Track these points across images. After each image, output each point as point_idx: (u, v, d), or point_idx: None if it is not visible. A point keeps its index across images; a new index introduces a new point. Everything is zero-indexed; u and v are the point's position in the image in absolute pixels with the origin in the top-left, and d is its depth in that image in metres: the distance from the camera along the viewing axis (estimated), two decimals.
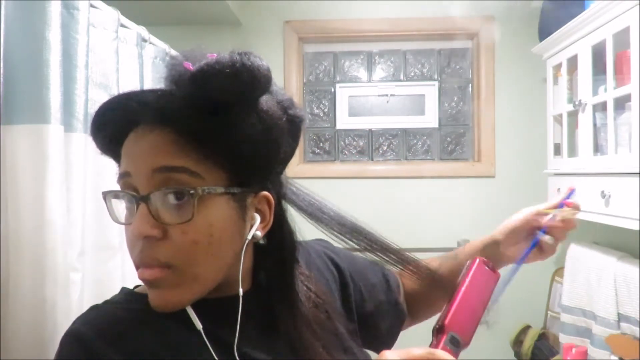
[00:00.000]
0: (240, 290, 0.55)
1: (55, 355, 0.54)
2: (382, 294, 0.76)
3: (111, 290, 0.65)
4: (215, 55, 0.51)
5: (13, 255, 0.79)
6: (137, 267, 0.53)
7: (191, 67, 0.50)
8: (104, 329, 0.53)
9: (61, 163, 0.85)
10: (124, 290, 0.61)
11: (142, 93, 0.54)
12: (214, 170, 0.52)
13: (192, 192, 0.50)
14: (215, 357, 0.53)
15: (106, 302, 0.59)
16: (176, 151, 0.50)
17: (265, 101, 0.53)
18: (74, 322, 0.56)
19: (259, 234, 0.57)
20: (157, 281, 0.52)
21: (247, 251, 0.57)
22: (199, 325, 0.54)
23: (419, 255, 0.74)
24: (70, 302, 0.85)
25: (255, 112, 0.52)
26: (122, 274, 1.06)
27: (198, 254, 0.51)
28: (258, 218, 0.57)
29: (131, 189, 0.52)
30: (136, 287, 0.62)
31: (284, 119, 0.55)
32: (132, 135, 0.53)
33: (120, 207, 0.56)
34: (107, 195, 0.55)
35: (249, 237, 0.55)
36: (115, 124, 0.54)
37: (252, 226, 0.56)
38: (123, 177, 0.53)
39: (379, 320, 0.74)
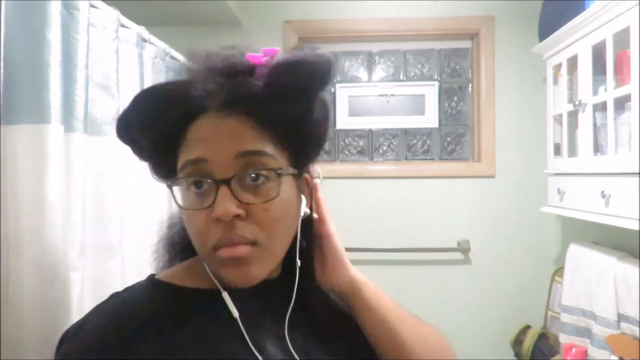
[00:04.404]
0: (298, 262, 0.60)
1: (59, 353, 0.55)
2: None
3: (111, 290, 0.65)
4: (277, 49, 0.56)
5: (13, 255, 0.79)
6: (217, 248, 0.53)
7: (258, 60, 0.55)
8: (122, 319, 0.53)
9: (61, 163, 0.85)
10: (149, 277, 0.62)
11: (195, 82, 0.55)
12: (284, 153, 0.57)
13: (279, 171, 0.54)
14: (253, 348, 0.55)
15: (128, 289, 0.60)
16: (255, 136, 0.54)
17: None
18: (92, 312, 0.56)
19: (308, 211, 0.62)
20: (244, 258, 0.53)
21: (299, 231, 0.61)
22: (235, 313, 0.56)
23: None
24: (70, 302, 0.85)
25: (318, 100, 0.57)
26: (122, 274, 1.06)
27: (278, 229, 0.56)
28: (304, 198, 0.62)
29: (204, 175, 0.53)
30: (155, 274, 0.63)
31: (328, 109, 0.61)
32: (204, 122, 0.54)
33: (182, 194, 0.56)
34: (175, 182, 0.56)
35: (302, 214, 0.60)
36: (176, 111, 0.55)
37: (301, 205, 0.61)
38: (195, 163, 0.54)
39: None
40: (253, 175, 0.53)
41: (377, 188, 2.16)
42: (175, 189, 0.57)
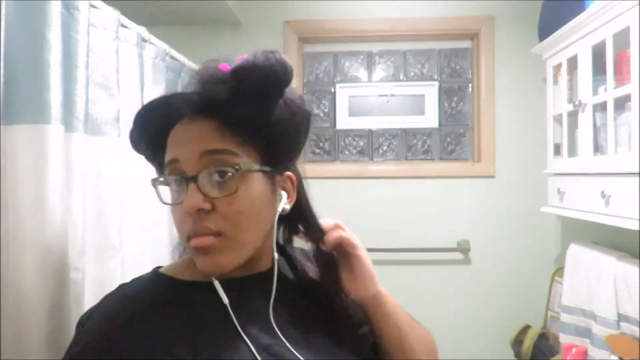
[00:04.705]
0: (276, 255, 0.66)
1: (76, 332, 0.62)
2: None
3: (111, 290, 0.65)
4: (252, 56, 0.60)
5: (13, 256, 0.79)
6: (189, 239, 0.60)
7: (227, 68, 0.60)
8: (127, 305, 0.60)
9: (61, 163, 0.84)
10: (154, 269, 0.69)
11: (181, 93, 0.64)
12: (250, 151, 0.61)
13: (236, 167, 0.59)
14: (241, 332, 0.59)
15: (134, 280, 0.67)
16: (219, 136, 0.60)
17: (289, 92, 0.63)
18: (101, 300, 0.64)
19: (288, 207, 0.66)
20: (209, 248, 0.59)
21: (275, 226, 0.66)
22: (225, 299, 0.61)
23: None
24: (70, 302, 0.85)
25: (283, 100, 0.62)
26: (122, 274, 1.06)
27: (243, 221, 0.60)
28: (284, 194, 0.67)
29: (178, 173, 0.61)
30: (158, 267, 0.69)
31: (302, 107, 0.64)
32: (178, 127, 0.62)
33: (167, 191, 0.63)
34: (156, 181, 0.63)
35: (279, 209, 0.65)
36: (162, 120, 0.63)
37: (280, 201, 0.66)
38: (171, 163, 0.61)
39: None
40: (218, 171, 0.59)
41: (377, 188, 2.16)
42: (165, 188, 0.64)
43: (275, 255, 0.66)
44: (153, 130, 0.65)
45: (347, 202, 2.14)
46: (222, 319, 0.60)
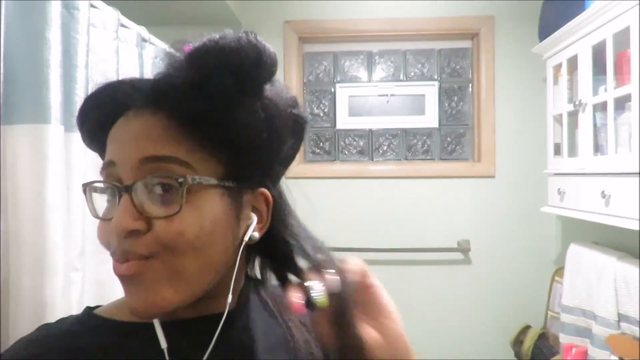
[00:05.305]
0: (230, 297, 0.49)
1: None
2: None
3: (111, 290, 0.65)
4: (217, 35, 0.45)
5: (13, 256, 0.79)
6: (114, 266, 0.47)
7: (188, 48, 0.46)
8: (48, 353, 0.48)
9: (61, 163, 0.85)
10: (86, 309, 0.56)
11: (136, 79, 0.50)
12: (209, 161, 0.47)
13: (180, 180, 0.44)
14: None
15: (60, 320, 0.54)
16: (166, 138, 0.45)
17: (270, 89, 0.48)
18: (17, 342, 0.51)
19: (256, 235, 0.51)
20: (136, 276, 0.45)
21: (239, 258, 0.50)
22: (163, 343, 0.48)
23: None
24: (70, 302, 0.85)
25: (258, 99, 0.47)
26: None
27: (183, 245, 0.45)
28: (255, 217, 0.51)
29: (115, 180, 0.47)
30: (96, 307, 0.56)
31: (289, 111, 0.50)
32: (120, 121, 0.48)
33: (102, 201, 0.49)
34: (87, 187, 0.49)
35: (246, 237, 0.49)
36: (102, 108, 0.49)
37: (248, 227, 0.50)
38: (107, 167, 0.47)
39: None
40: (160, 183, 0.45)
41: (377, 188, 2.16)
42: (102, 196, 0.49)
43: (229, 297, 0.49)
44: (95, 121, 0.50)
45: (347, 202, 2.14)
46: None
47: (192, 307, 0.49)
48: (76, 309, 0.86)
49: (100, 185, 0.49)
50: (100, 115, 0.49)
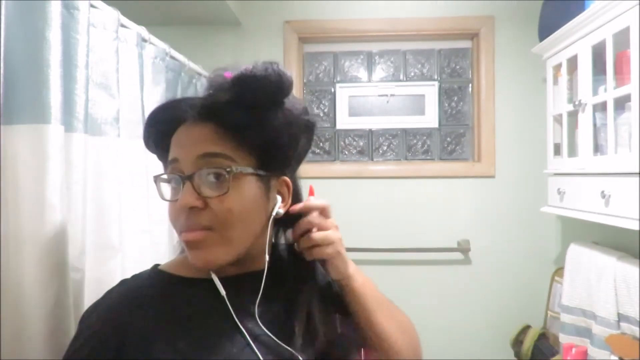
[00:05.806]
0: (267, 256, 0.68)
1: (78, 328, 0.64)
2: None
3: None
4: (251, 66, 0.64)
5: (13, 256, 0.79)
6: (181, 233, 0.65)
7: (230, 76, 0.64)
8: (130, 298, 0.65)
9: (61, 163, 0.84)
10: (154, 266, 0.72)
11: (189, 98, 0.69)
12: (246, 156, 0.65)
13: (227, 170, 0.63)
14: (237, 321, 0.64)
15: (134, 276, 0.71)
16: (215, 140, 0.64)
17: (287, 102, 0.66)
18: (104, 295, 0.67)
19: (281, 211, 0.70)
20: (199, 242, 0.63)
21: (269, 228, 0.69)
22: (222, 291, 0.65)
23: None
24: (70, 302, 0.85)
25: (280, 110, 0.65)
26: (122, 274, 1.06)
27: (232, 220, 0.63)
28: (279, 198, 0.70)
29: (178, 172, 0.65)
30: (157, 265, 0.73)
31: (302, 118, 0.68)
32: (180, 129, 0.67)
33: (167, 188, 0.68)
34: (158, 178, 0.68)
35: (274, 213, 0.68)
36: (166, 121, 0.68)
37: (275, 205, 0.69)
38: (172, 162, 0.66)
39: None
40: (212, 173, 0.63)
41: (377, 188, 2.16)
42: (167, 185, 0.68)
43: (267, 256, 0.68)
44: (160, 131, 0.70)
45: (347, 202, 2.14)
46: (218, 312, 0.65)
47: (238, 266, 0.68)
48: (76, 309, 0.86)
49: (165, 177, 0.68)
50: (167, 126, 0.68)
